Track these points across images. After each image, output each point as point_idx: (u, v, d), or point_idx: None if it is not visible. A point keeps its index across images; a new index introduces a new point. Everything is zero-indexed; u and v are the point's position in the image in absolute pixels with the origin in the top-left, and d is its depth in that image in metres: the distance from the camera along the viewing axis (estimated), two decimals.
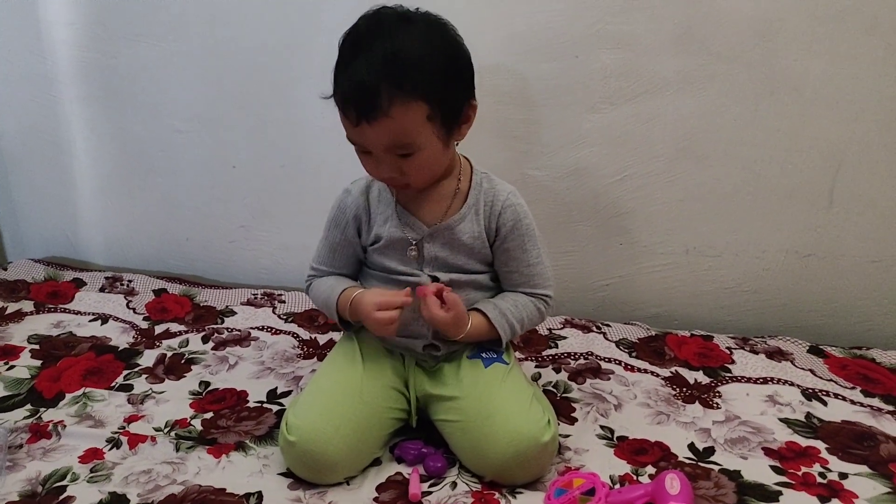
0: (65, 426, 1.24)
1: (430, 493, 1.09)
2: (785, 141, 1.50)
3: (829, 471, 1.14)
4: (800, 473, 1.14)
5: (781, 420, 1.28)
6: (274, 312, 1.70)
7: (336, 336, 1.58)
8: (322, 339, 1.58)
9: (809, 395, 1.35)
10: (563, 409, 1.31)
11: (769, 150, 1.51)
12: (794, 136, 1.49)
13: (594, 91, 1.53)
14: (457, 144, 1.15)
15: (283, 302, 1.75)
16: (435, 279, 1.17)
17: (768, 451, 1.19)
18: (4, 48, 1.80)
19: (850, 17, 1.39)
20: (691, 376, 1.43)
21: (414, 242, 1.16)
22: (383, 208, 1.18)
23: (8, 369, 1.43)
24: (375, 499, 1.08)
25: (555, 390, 1.38)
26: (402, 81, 0.98)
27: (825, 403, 1.33)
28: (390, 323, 1.11)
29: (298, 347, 1.54)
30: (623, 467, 1.15)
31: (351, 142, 1.06)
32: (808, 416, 1.29)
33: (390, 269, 1.19)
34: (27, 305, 1.71)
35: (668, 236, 1.63)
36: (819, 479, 1.12)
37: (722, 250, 1.62)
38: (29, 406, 1.31)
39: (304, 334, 1.60)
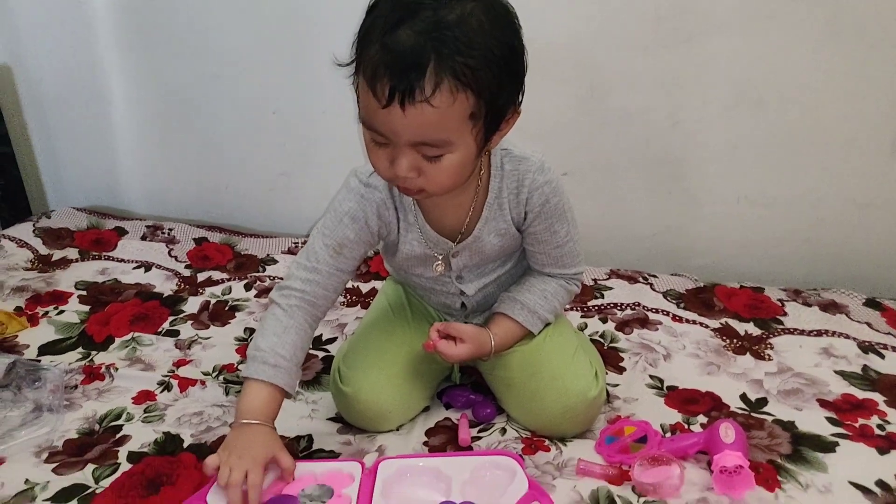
0: (117, 369, 1.26)
1: (480, 437, 1.09)
2: (847, 85, 1.43)
3: (888, 423, 1.12)
4: (857, 425, 1.11)
5: (837, 372, 1.25)
6: None
7: (379, 285, 1.57)
8: (365, 287, 1.58)
9: (866, 348, 1.32)
10: (611, 359, 1.29)
11: (830, 95, 1.45)
12: (857, 80, 1.43)
13: (646, 33, 1.47)
14: (491, 149, 0.96)
15: None
16: (462, 293, 1.13)
17: (823, 403, 1.17)
18: None
19: None
20: (742, 328, 1.40)
21: (439, 257, 1.08)
22: (404, 212, 1.04)
23: (58, 314, 1.45)
24: (425, 443, 1.09)
25: (601, 340, 1.36)
26: (456, 63, 0.79)
27: (882, 356, 1.30)
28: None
29: (341, 295, 1.53)
30: (674, 416, 1.14)
31: (367, 127, 0.86)
32: (865, 368, 1.26)
33: (415, 272, 1.13)
34: (72, 253, 1.73)
35: (719, 184, 1.58)
36: (877, 431, 1.10)
37: (775, 199, 1.57)
38: (81, 349, 1.33)
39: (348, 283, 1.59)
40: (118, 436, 1.09)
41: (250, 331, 1.40)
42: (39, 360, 1.28)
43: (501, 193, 1.02)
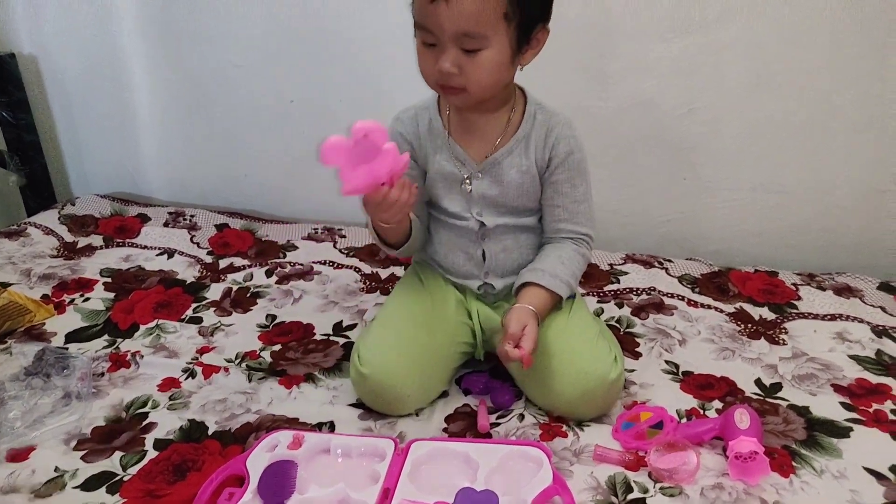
0: (142, 356, 1.29)
1: (499, 424, 1.11)
2: (865, 70, 1.43)
3: None
4: (871, 410, 1.13)
5: (851, 357, 1.26)
6: (335, 247, 1.72)
7: (398, 271, 1.59)
8: (384, 273, 1.59)
9: (880, 332, 1.33)
10: (627, 345, 1.31)
11: (847, 80, 1.45)
12: (872, 67, 1.43)
13: (662, 19, 1.47)
14: (520, 69, 1.08)
15: (344, 237, 1.76)
16: (482, 224, 1.16)
17: (838, 388, 1.18)
18: None
19: None
20: (756, 312, 1.41)
21: (466, 177, 1.14)
22: (433, 138, 1.15)
23: (84, 301, 1.48)
24: (444, 429, 1.11)
25: (618, 325, 1.38)
26: None
27: None
28: (381, 200, 1.00)
29: (361, 281, 1.56)
30: (689, 402, 1.16)
31: (419, 28, 1.01)
32: (879, 353, 1.27)
33: (438, 206, 1.18)
34: (97, 240, 1.76)
35: (734, 172, 1.59)
36: (891, 416, 1.11)
37: (791, 187, 1.57)
38: (106, 336, 1.36)
39: (366, 268, 1.61)
40: (144, 423, 1.12)
41: (272, 317, 1.43)
42: (67, 348, 1.31)
43: (530, 136, 1.12)
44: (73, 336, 1.36)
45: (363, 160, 0.94)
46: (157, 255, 1.69)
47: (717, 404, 1.15)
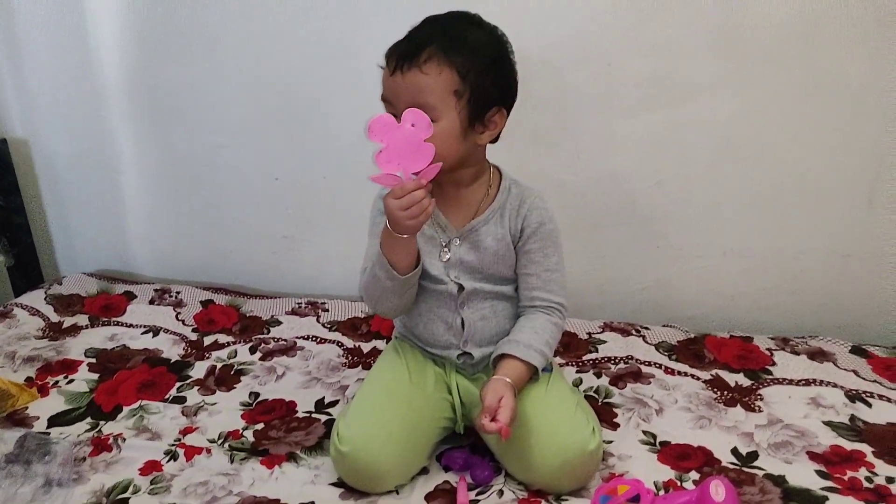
0: (124, 439, 1.29)
1: (478, 500, 1.12)
2: (825, 140, 1.50)
3: (876, 475, 1.15)
4: (846, 478, 1.14)
5: (825, 423, 1.28)
6: (318, 321, 1.74)
7: (380, 345, 1.61)
8: (366, 347, 1.61)
9: (853, 396, 1.35)
10: (605, 415, 1.32)
11: (809, 151, 1.51)
12: (835, 136, 1.49)
13: (629, 97, 1.54)
14: (479, 144, 1.13)
15: (327, 310, 1.78)
16: (461, 287, 1.20)
17: (813, 456, 1.20)
18: (56, 73, 1.85)
19: (889, 18, 1.38)
20: (732, 379, 1.43)
21: (445, 244, 1.19)
22: None
23: (68, 383, 1.49)
24: None
25: (596, 395, 1.39)
26: (448, 49, 1.04)
27: (869, 405, 1.33)
28: (412, 204, 1.02)
29: (343, 356, 1.57)
30: (667, 473, 1.17)
31: (384, 100, 1.09)
32: (853, 418, 1.29)
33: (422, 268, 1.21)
34: (82, 319, 1.77)
35: (704, 239, 1.63)
36: (866, 484, 1.13)
37: (759, 252, 1.62)
38: (89, 419, 1.36)
39: (349, 343, 1.63)
40: None
41: (255, 395, 1.44)
42: (49, 433, 1.31)
43: (505, 207, 1.19)
44: (56, 420, 1.36)
45: (400, 151, 1.01)
46: (142, 334, 1.70)
47: (695, 475, 1.16)
